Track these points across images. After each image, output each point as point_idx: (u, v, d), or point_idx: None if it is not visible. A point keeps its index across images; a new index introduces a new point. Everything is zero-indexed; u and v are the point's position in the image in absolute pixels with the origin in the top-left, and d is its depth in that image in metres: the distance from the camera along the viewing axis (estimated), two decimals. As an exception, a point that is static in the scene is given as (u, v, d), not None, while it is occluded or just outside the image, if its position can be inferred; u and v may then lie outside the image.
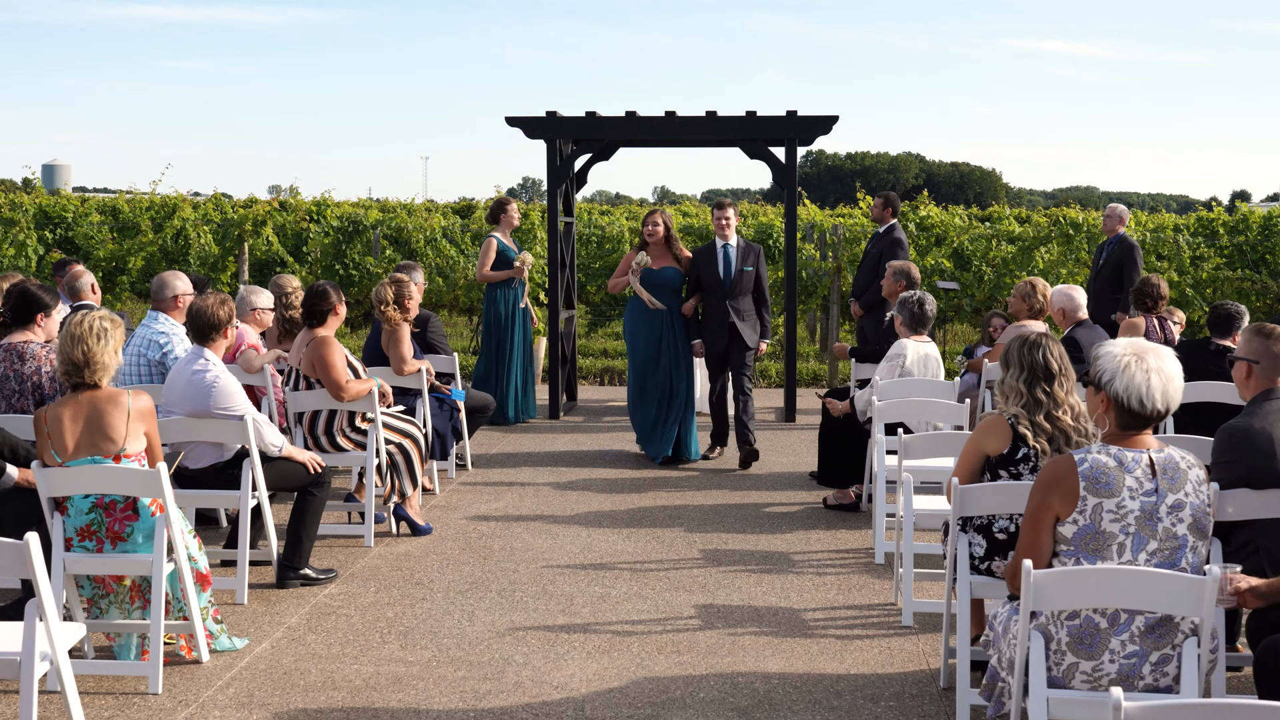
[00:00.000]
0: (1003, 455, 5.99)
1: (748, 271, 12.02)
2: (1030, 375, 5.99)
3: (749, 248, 12.13)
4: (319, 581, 8.07)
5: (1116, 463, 4.65)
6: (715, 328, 12.06)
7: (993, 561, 6.06)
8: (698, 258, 12.15)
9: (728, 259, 12.03)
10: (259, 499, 7.88)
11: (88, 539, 6.35)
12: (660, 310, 12.17)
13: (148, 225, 21.30)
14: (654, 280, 12.16)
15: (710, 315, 12.10)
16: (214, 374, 7.72)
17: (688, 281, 12.22)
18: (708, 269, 12.02)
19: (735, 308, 11.98)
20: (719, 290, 12.00)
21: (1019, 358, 6.03)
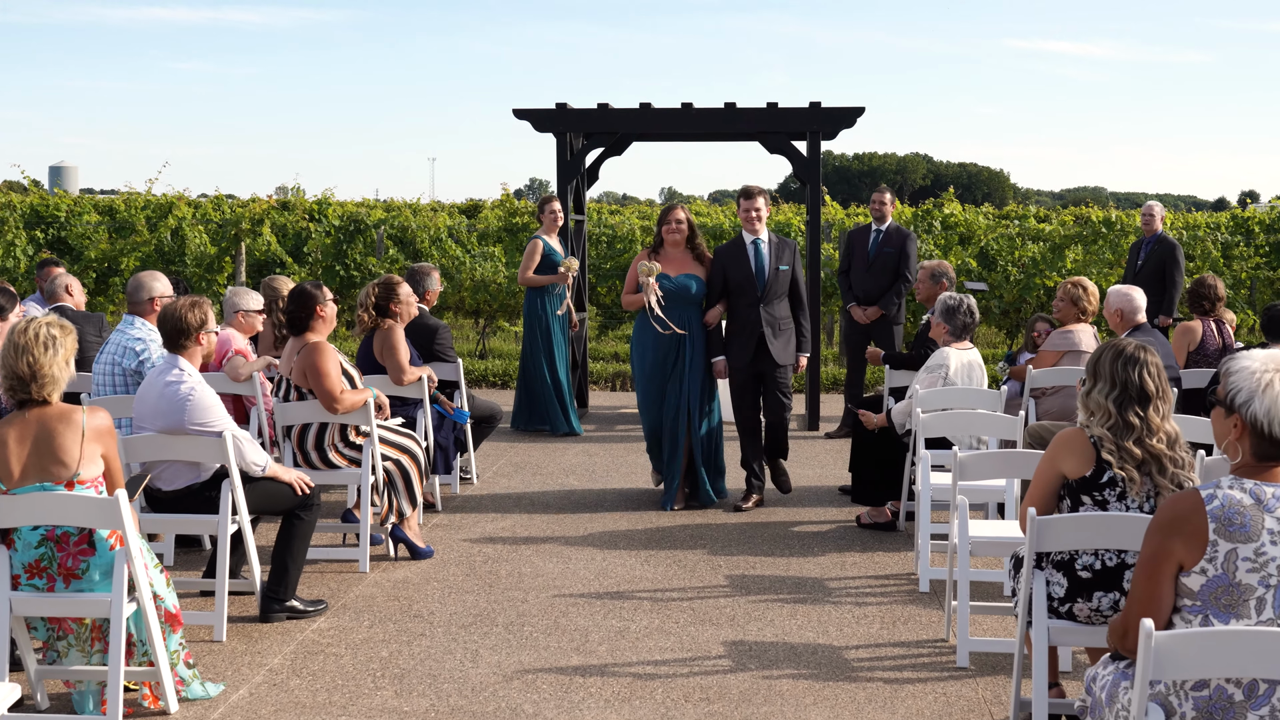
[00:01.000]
0: (1084, 478, 5.20)
1: (784, 271, 9.98)
2: (1123, 395, 5.19)
3: (783, 243, 10.10)
4: (307, 614, 7.30)
5: (1254, 500, 3.86)
6: (744, 341, 10.00)
7: (1074, 603, 5.26)
8: (722, 257, 10.12)
9: (759, 257, 9.96)
10: (240, 523, 7.09)
11: (37, 576, 5.57)
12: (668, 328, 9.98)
13: (143, 225, 20.56)
14: (670, 290, 10.00)
15: (738, 325, 10.04)
16: (189, 385, 6.95)
17: (710, 287, 10.12)
18: (736, 269, 9.98)
19: (769, 316, 9.94)
20: (750, 294, 9.93)
21: (1111, 372, 5.22)
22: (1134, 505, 5.20)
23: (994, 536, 6.69)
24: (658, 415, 10.14)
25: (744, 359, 9.98)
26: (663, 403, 10.10)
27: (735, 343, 10.04)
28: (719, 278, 10.07)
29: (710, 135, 14.91)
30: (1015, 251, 18.61)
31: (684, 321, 10.01)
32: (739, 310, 10.02)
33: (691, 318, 10.06)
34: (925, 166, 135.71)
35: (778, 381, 10.03)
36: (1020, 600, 5.42)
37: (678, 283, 10.01)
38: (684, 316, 10.03)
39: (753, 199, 10.09)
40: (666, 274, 9.98)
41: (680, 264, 10.11)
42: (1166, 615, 3.94)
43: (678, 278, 10.02)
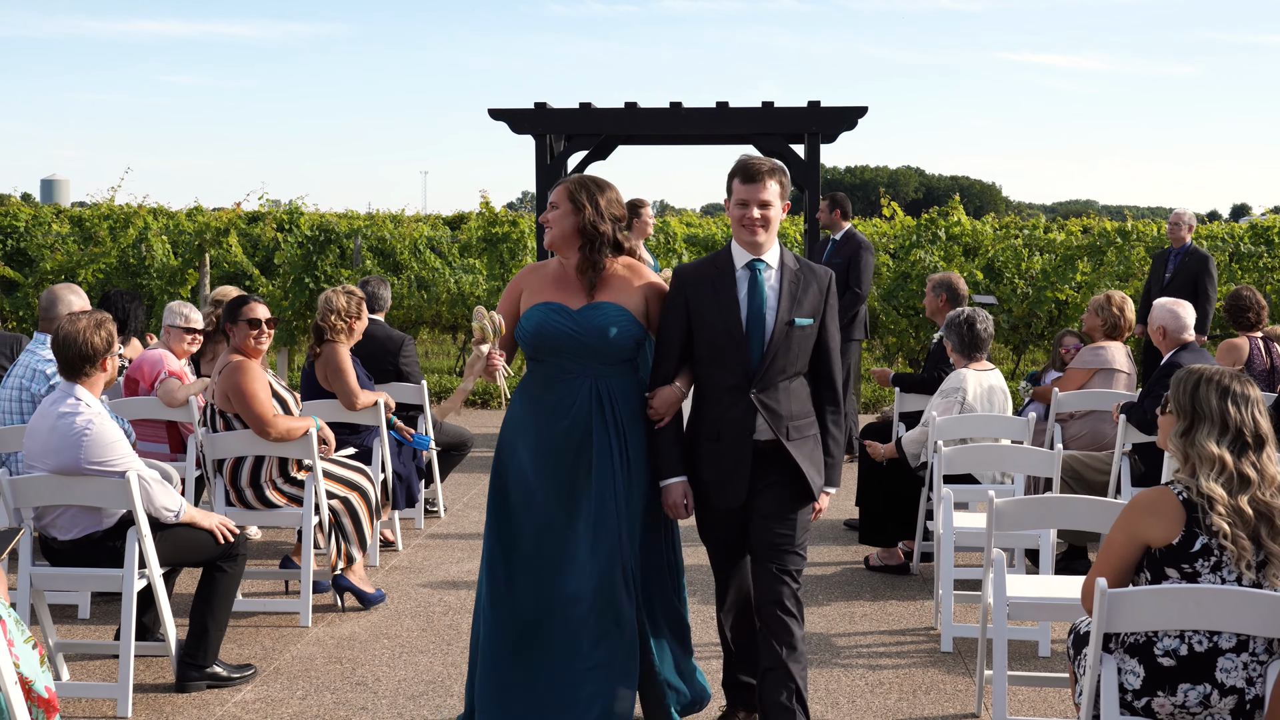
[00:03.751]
0: (1171, 547, 4.17)
1: (803, 328, 5.20)
2: (1237, 440, 4.16)
3: (807, 274, 5.29)
4: (231, 682, 6.26)
5: None
6: (722, 456, 5.25)
7: (1154, 697, 4.23)
8: (688, 285, 5.29)
9: (759, 295, 5.20)
10: (149, 578, 6.04)
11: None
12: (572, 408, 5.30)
13: (106, 235, 19.50)
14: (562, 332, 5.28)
15: (712, 424, 5.28)
16: (86, 418, 5.89)
17: (661, 340, 5.36)
18: (713, 312, 5.22)
19: (772, 410, 5.18)
20: (736, 364, 5.19)
21: (1220, 412, 4.19)
22: (1231, 577, 4.17)
23: (1036, 598, 5.62)
24: (536, 592, 5.30)
25: (725, 492, 5.24)
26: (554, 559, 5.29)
27: (707, 458, 5.27)
28: (677, 324, 5.27)
29: (701, 138, 13.90)
30: (1022, 264, 17.61)
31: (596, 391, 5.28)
32: (714, 393, 5.25)
33: (613, 383, 5.32)
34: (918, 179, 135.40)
35: (779, 543, 5.21)
36: (1085, 691, 4.38)
37: (580, 322, 5.24)
38: (595, 384, 5.28)
39: (757, 183, 5.15)
40: (560, 304, 5.29)
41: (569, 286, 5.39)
42: None
43: (583, 311, 5.26)
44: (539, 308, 5.30)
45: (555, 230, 5.35)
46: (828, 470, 5.35)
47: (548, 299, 5.30)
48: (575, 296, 5.32)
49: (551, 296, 5.31)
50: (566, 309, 5.27)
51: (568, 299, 5.31)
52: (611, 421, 5.28)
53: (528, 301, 5.36)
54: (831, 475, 5.36)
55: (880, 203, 20.46)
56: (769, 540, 5.20)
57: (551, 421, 5.28)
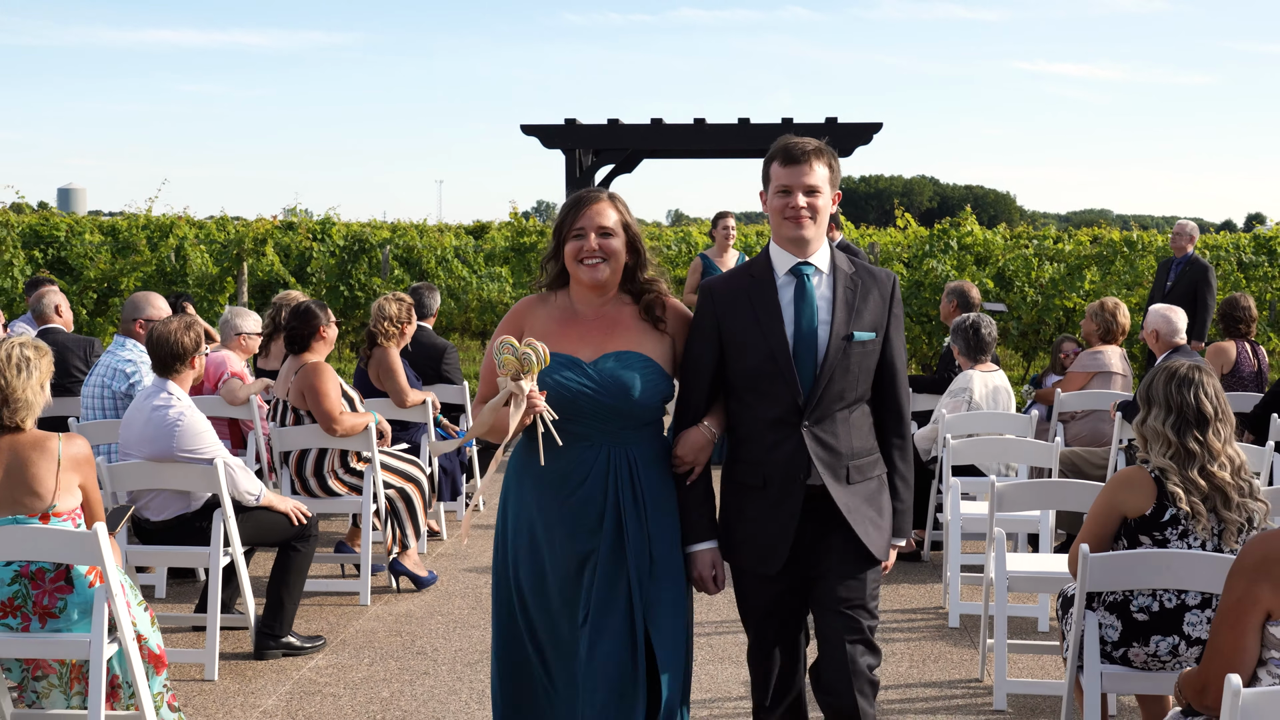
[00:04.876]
0: (1145, 517, 4.81)
1: (862, 343, 4.34)
2: (1180, 419, 4.80)
3: (865, 278, 4.45)
4: (304, 651, 6.90)
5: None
6: (767, 508, 4.36)
7: (1130, 648, 4.87)
8: (719, 301, 4.42)
9: (808, 305, 4.33)
10: (233, 555, 6.70)
11: (10, 615, 5.18)
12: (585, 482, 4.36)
13: (144, 245, 20.21)
14: (579, 391, 4.31)
15: (753, 467, 4.39)
16: (178, 410, 6.56)
17: (687, 373, 4.48)
18: (751, 330, 4.35)
19: (827, 446, 4.30)
20: (782, 392, 4.30)
21: (1165, 396, 4.84)
22: (1196, 544, 4.80)
23: (1034, 571, 6.28)
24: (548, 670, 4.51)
25: (771, 554, 4.34)
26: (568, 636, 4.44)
27: (750, 512, 4.39)
28: (705, 349, 4.41)
29: (723, 152, 14.59)
30: (1032, 272, 18.22)
31: (615, 461, 4.35)
32: (755, 430, 4.38)
33: (635, 450, 4.38)
34: (932, 189, 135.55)
35: (846, 610, 4.31)
36: (1070, 643, 5.02)
37: (597, 377, 4.32)
38: (613, 452, 4.36)
39: (801, 165, 4.29)
40: (569, 356, 4.35)
41: (607, 329, 4.43)
42: (1251, 669, 3.55)
43: (600, 362, 4.34)
44: None
45: (615, 262, 4.39)
46: (896, 518, 4.40)
47: (554, 348, 4.23)
48: (588, 343, 4.34)
49: (558, 345, 4.28)
50: (578, 361, 4.29)
51: (578, 348, 4.32)
52: (639, 499, 4.32)
53: None
54: (900, 523, 4.43)
55: (894, 213, 21.07)
56: (834, 597, 4.28)
57: (556, 499, 4.32)
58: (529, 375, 4.13)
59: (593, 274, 4.35)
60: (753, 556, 4.35)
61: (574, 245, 4.37)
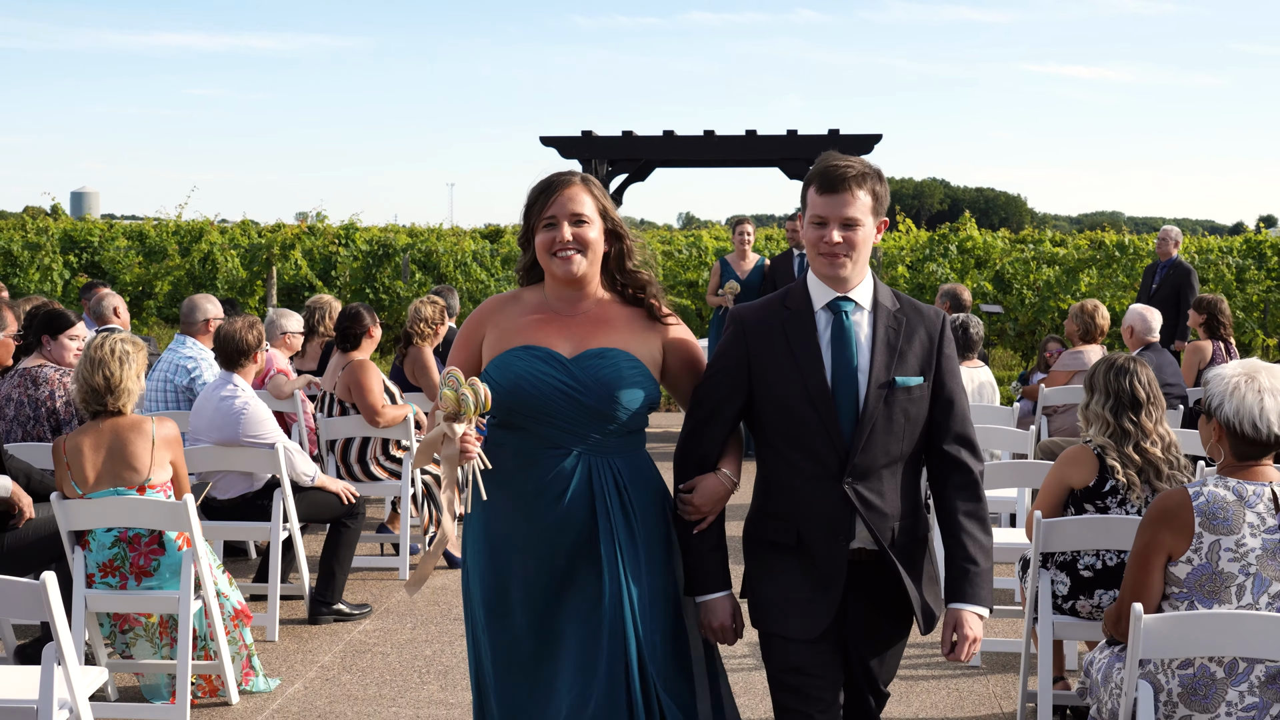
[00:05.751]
0: (1088, 488, 5.59)
1: (908, 388, 3.82)
2: (1116, 403, 5.58)
3: (911, 315, 3.91)
4: (353, 617, 7.70)
5: (1235, 496, 4.25)
6: (808, 569, 3.87)
7: (1077, 600, 5.64)
8: (748, 333, 3.91)
9: (847, 342, 3.84)
10: (290, 531, 7.51)
11: (110, 575, 5.99)
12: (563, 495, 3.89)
13: (174, 250, 21.05)
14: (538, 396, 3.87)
15: (786, 523, 3.89)
16: (243, 400, 7.37)
17: (696, 403, 3.99)
18: (789, 372, 3.83)
19: (875, 506, 3.81)
20: (821, 443, 3.80)
21: (1104, 384, 5.62)
22: (1133, 510, 5.57)
23: (1005, 543, 7.06)
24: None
25: (805, 617, 3.88)
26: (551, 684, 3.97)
27: (781, 573, 3.93)
28: (730, 383, 3.94)
29: (731, 161, 15.37)
30: (1030, 275, 18.99)
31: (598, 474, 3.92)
32: (790, 482, 3.89)
33: (619, 462, 3.97)
34: (942, 191, 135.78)
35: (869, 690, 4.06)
36: (1027, 598, 5.81)
37: (578, 374, 3.90)
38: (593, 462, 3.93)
39: (839, 194, 3.80)
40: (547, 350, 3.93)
41: (590, 326, 4.01)
42: (1156, 602, 4.32)
43: (582, 358, 3.92)
44: (517, 354, 3.89)
45: (592, 254, 3.96)
46: (972, 582, 3.87)
47: (529, 341, 3.91)
48: (568, 339, 3.93)
49: (533, 339, 3.92)
50: (557, 356, 3.87)
51: (557, 342, 3.91)
52: (621, 514, 3.89)
53: (497, 345, 3.95)
54: (979, 588, 3.87)
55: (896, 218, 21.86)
56: (865, 674, 3.99)
57: (529, 515, 3.86)
58: (465, 419, 3.69)
59: (566, 268, 3.89)
60: (784, 621, 3.85)
61: (545, 237, 3.89)
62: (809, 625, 3.83)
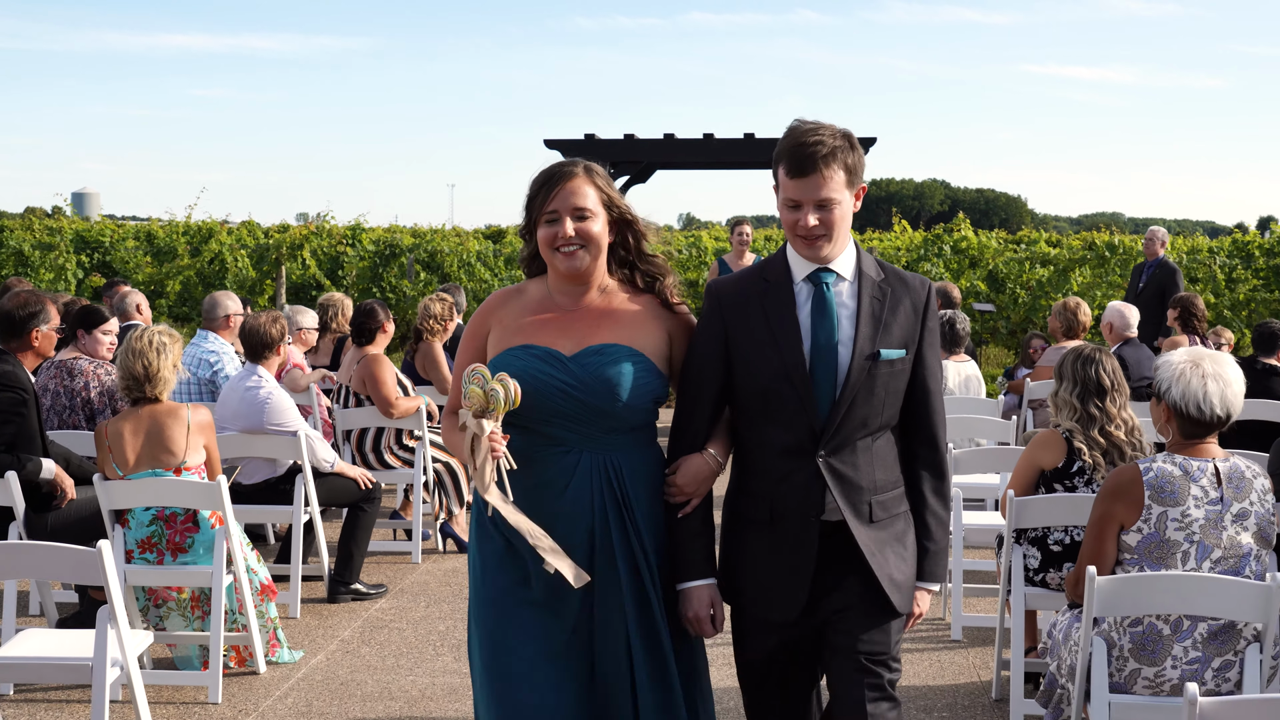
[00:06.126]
0: (1057, 469, 6.02)
1: (890, 361, 3.76)
2: (1083, 390, 6.02)
3: (897, 285, 3.86)
4: (370, 596, 8.12)
5: (1181, 471, 4.69)
6: (776, 545, 3.84)
7: (1047, 573, 6.08)
8: (726, 305, 3.89)
9: (827, 315, 3.76)
10: (311, 514, 7.94)
11: (148, 551, 6.43)
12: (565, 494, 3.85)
13: (184, 250, 21.50)
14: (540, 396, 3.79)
15: (761, 500, 3.85)
16: (267, 390, 7.81)
17: (682, 385, 3.97)
18: (764, 346, 3.79)
19: (847, 480, 3.77)
20: (797, 416, 3.76)
21: (1072, 372, 6.06)
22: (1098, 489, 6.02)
23: (983, 524, 7.51)
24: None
25: (778, 597, 3.86)
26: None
27: (754, 550, 3.91)
28: (710, 361, 3.89)
29: (730, 164, 15.79)
30: (1024, 275, 19.43)
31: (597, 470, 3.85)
32: (765, 457, 3.87)
33: (621, 457, 3.87)
34: (943, 192, 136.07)
35: (867, 662, 3.81)
36: (1002, 571, 6.25)
37: (579, 372, 3.83)
38: (594, 460, 3.85)
39: (810, 177, 3.66)
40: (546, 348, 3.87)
41: (593, 321, 3.94)
42: (1110, 567, 4.76)
43: (582, 355, 3.86)
44: (518, 353, 3.84)
45: (595, 248, 3.89)
46: (927, 561, 3.88)
47: (528, 340, 3.86)
48: (569, 335, 3.86)
49: (534, 337, 3.87)
50: (557, 355, 3.82)
51: (557, 340, 3.85)
52: (625, 515, 3.84)
53: (499, 343, 3.91)
54: (932, 566, 3.90)
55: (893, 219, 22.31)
56: (850, 647, 3.77)
57: (534, 507, 3.77)
58: (493, 416, 3.63)
59: (570, 264, 3.83)
60: (759, 601, 3.82)
61: (547, 232, 3.83)
62: (782, 605, 3.78)
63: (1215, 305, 18.82)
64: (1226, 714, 3.31)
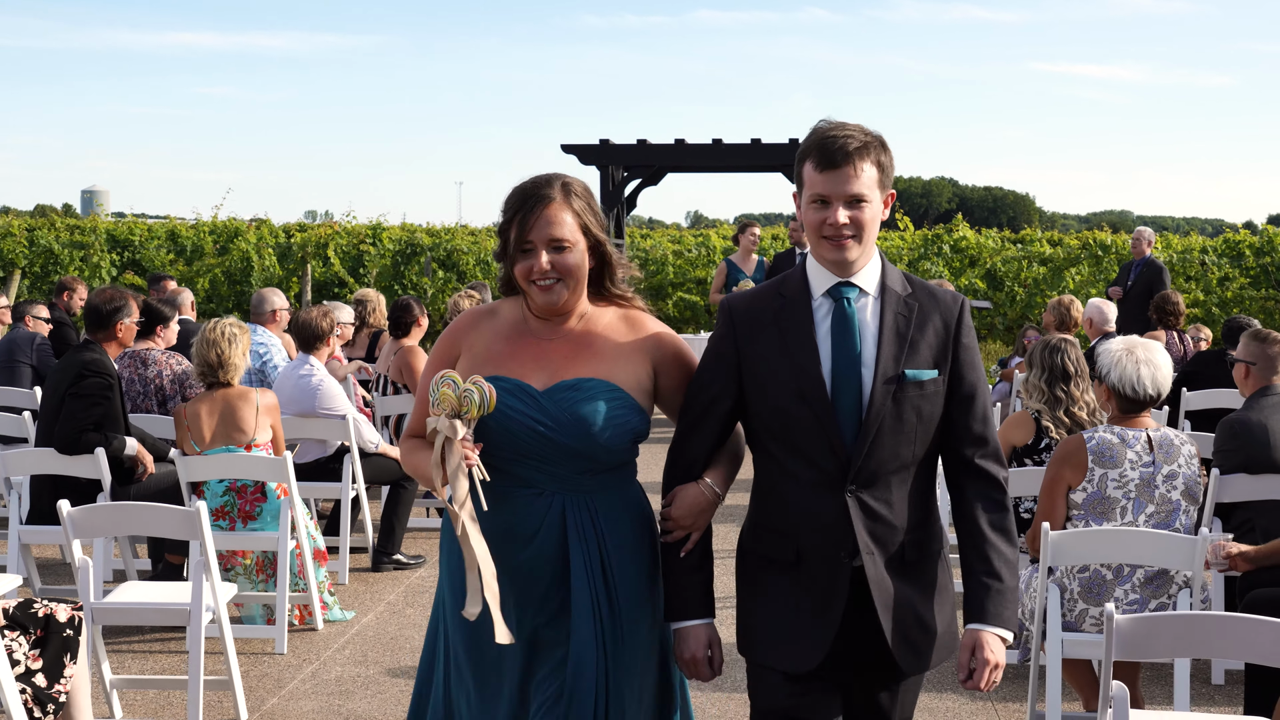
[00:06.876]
0: (1027, 445, 6.81)
1: (919, 383, 3.41)
2: (1050, 376, 6.80)
3: (926, 300, 3.50)
4: (410, 566, 8.92)
5: (1119, 440, 5.48)
6: (805, 589, 3.47)
7: (1021, 538, 6.87)
8: (738, 324, 3.54)
9: (848, 333, 3.44)
10: (357, 491, 8.74)
11: (221, 519, 7.23)
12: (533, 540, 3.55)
13: (211, 249, 22.33)
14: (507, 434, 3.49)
15: (781, 537, 3.50)
16: (318, 378, 8.61)
17: (685, 405, 3.64)
18: (780, 367, 3.45)
19: (881, 518, 3.42)
20: (819, 446, 3.41)
21: (1041, 360, 6.84)
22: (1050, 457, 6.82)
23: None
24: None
25: (800, 647, 3.48)
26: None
27: (774, 593, 3.54)
28: (719, 381, 3.56)
29: (738, 167, 16.61)
30: (1022, 273, 20.22)
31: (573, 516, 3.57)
32: (787, 491, 3.50)
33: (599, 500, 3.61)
34: (951, 190, 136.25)
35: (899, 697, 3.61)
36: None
37: (551, 409, 3.53)
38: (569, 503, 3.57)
39: (842, 169, 3.37)
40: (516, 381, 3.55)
41: (569, 352, 3.65)
42: (1061, 522, 5.56)
43: (555, 391, 3.55)
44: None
45: (574, 280, 3.58)
46: (992, 600, 3.43)
47: (498, 371, 3.55)
48: (542, 367, 3.58)
49: (504, 368, 3.56)
50: (528, 389, 3.52)
51: (530, 372, 3.56)
52: (598, 563, 3.55)
53: (468, 372, 3.53)
54: (1001, 607, 3.43)
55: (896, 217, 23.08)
56: (874, 711, 3.57)
57: (496, 556, 3.45)
58: (466, 419, 3.36)
59: (547, 298, 3.54)
60: (778, 650, 3.45)
61: (522, 265, 3.53)
62: (803, 656, 3.41)
63: (1204, 303, 19.57)
64: (1138, 628, 4.10)
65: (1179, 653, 4.51)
